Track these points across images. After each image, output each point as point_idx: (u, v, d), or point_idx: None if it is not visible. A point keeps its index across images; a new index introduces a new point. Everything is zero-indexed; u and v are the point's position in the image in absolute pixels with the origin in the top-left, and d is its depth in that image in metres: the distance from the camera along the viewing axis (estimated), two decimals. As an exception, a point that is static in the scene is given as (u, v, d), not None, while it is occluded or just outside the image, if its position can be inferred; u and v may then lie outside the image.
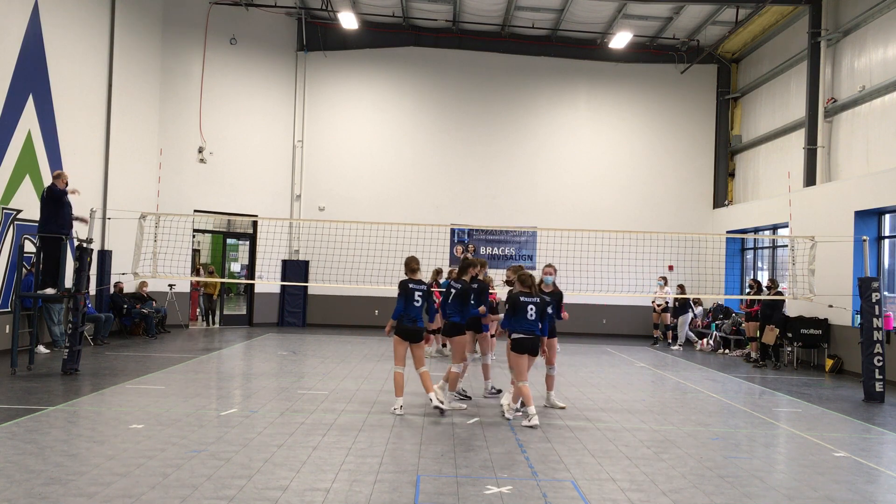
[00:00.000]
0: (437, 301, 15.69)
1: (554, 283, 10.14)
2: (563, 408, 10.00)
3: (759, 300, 16.26)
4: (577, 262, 15.57)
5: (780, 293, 15.16)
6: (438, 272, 16.13)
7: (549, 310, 9.35)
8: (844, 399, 11.87)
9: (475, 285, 9.99)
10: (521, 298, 8.96)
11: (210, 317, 21.14)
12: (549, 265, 10.32)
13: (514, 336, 8.93)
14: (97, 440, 7.40)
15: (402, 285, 9.33)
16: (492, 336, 12.36)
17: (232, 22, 20.90)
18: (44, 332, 14.28)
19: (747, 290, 18.22)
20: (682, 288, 19.37)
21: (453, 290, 9.92)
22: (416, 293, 9.25)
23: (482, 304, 10.04)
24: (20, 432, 7.57)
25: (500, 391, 10.80)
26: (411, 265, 9.48)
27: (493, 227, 21.67)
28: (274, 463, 6.77)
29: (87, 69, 16.29)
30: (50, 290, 11.79)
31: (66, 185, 11.93)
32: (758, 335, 16.32)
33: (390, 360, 14.24)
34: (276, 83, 21.83)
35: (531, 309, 8.91)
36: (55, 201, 11.75)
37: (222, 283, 20.90)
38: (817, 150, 17.38)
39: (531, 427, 8.63)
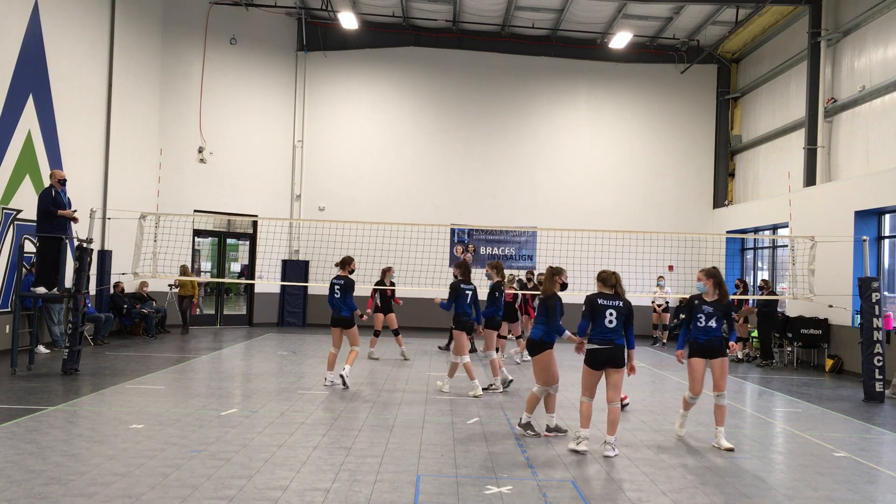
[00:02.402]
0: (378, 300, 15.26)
1: (718, 290, 8.20)
2: (730, 449, 7.92)
3: (745, 300, 16.26)
4: (577, 262, 15.54)
5: (774, 293, 15.20)
6: (388, 270, 15.15)
7: (713, 322, 7.98)
8: (844, 399, 11.87)
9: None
10: (600, 301, 7.63)
11: (185, 323, 18.52)
12: (704, 270, 8.29)
13: (589, 346, 7.72)
14: (97, 440, 7.40)
15: (331, 283, 11.20)
16: (501, 337, 13.83)
17: (232, 22, 20.90)
18: (44, 332, 14.28)
19: (733, 291, 18.18)
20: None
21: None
22: (336, 287, 11.05)
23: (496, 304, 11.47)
24: (20, 432, 7.57)
25: (511, 381, 11.63)
26: (340, 262, 11.29)
27: (493, 227, 21.67)
28: (274, 463, 6.77)
29: (87, 69, 16.29)
30: (41, 290, 11.75)
31: (61, 181, 11.86)
32: (757, 335, 16.35)
33: (391, 360, 14.48)
34: (275, 83, 21.83)
35: (611, 314, 7.57)
36: (52, 205, 11.69)
37: (201, 284, 19.45)
38: (817, 150, 17.38)
39: (578, 452, 7.58)
